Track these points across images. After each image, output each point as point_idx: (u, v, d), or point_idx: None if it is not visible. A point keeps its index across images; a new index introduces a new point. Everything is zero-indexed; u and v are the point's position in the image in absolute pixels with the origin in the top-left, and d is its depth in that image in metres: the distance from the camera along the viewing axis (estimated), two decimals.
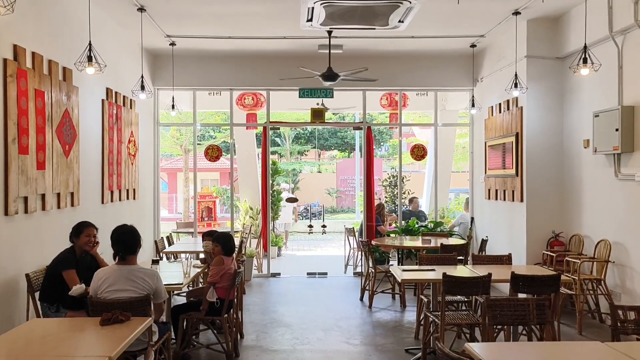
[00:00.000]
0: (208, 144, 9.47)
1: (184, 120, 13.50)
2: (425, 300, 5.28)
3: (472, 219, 9.42)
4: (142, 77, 6.47)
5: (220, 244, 4.90)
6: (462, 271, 5.29)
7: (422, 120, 17.55)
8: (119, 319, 3.32)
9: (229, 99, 9.20)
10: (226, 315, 4.82)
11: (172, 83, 8.51)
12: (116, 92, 7.12)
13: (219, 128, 19.77)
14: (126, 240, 3.84)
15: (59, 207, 5.46)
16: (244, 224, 11.34)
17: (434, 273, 5.06)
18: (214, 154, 9.23)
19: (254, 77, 9.10)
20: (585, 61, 5.01)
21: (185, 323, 4.81)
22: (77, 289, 4.22)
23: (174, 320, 4.81)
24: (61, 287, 4.41)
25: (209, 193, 19.39)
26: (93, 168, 6.44)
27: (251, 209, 12.27)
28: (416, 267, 5.45)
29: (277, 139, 26.47)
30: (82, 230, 4.64)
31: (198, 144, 13.18)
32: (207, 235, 5.65)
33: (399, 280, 4.83)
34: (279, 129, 9.55)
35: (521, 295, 4.32)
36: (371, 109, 12.32)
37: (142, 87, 6.44)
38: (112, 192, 6.98)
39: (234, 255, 5.05)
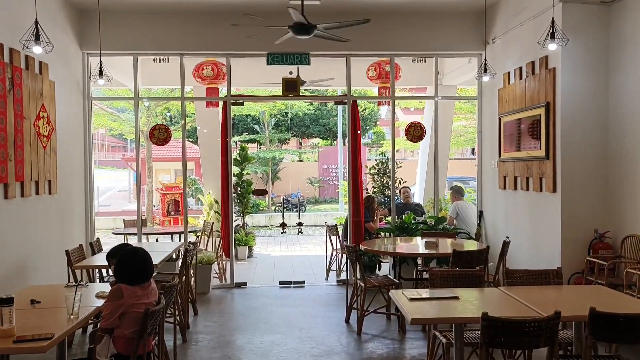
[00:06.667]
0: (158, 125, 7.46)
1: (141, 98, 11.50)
2: (444, 341, 3.55)
3: (481, 212, 7.72)
4: (36, 21, 4.57)
5: (115, 269, 3.09)
6: (495, 298, 3.57)
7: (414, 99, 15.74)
8: None
9: (179, 67, 7.31)
10: None
11: (100, 44, 6.59)
12: (12, 49, 5.22)
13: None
14: None
15: None
16: (205, 221, 9.51)
17: (459, 304, 3.33)
18: (161, 135, 7.35)
19: (210, 39, 7.21)
20: None
21: None
22: None
23: None
24: None
25: (177, 184, 17.52)
26: None
27: (216, 202, 10.44)
28: (426, 292, 3.69)
29: (256, 126, 24.55)
30: None
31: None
32: (112, 257, 3.85)
33: (408, 320, 3.08)
34: (242, 103, 7.72)
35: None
36: (357, 84, 10.50)
37: (37, 37, 4.56)
38: (6, 185, 5.11)
39: (151, 281, 3.24)
